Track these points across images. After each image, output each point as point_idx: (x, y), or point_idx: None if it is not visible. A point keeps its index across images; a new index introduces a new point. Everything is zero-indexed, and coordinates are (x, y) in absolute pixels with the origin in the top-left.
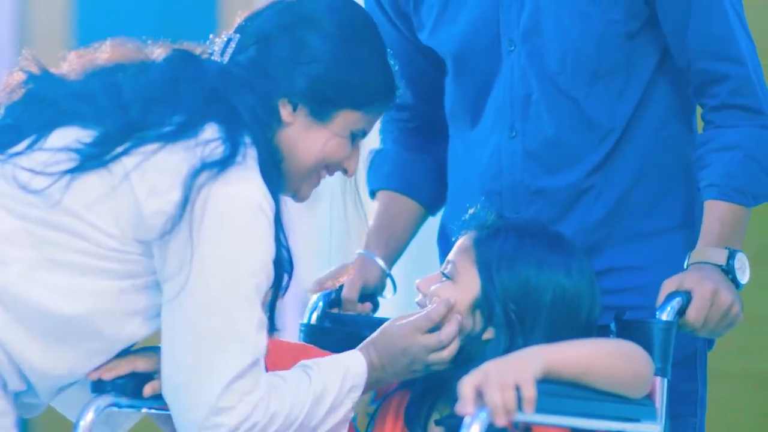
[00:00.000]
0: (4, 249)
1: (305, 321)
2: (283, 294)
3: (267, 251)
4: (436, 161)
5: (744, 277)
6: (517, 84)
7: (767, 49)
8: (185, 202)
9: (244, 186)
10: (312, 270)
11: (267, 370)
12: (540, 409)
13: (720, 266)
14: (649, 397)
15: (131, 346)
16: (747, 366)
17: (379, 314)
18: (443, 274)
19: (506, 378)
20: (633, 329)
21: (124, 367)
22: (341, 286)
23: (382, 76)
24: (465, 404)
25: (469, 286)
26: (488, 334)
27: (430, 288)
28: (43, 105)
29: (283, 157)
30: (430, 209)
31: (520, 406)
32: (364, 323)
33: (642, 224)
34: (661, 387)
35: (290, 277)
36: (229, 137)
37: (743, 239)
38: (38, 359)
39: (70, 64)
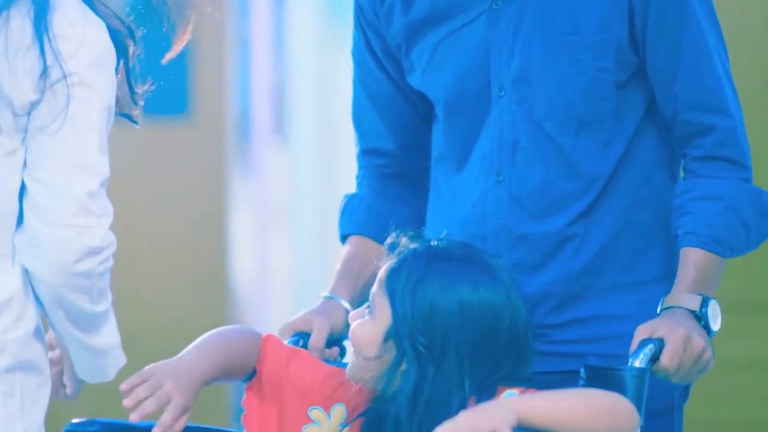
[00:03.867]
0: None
1: None
2: (131, 66)
3: (112, 67)
4: (411, 210)
5: (716, 325)
6: (506, 130)
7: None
8: (44, 61)
9: (77, 28)
10: (288, 292)
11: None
12: None
13: (693, 312)
14: None
15: None
16: (716, 414)
17: (347, 359)
18: (368, 307)
19: (481, 426)
20: (605, 376)
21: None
22: (309, 333)
23: None
24: None
25: (383, 318)
26: (405, 366)
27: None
28: None
29: None
30: None
31: None
32: None
33: (623, 275)
34: None
35: (135, 46)
36: None
37: (717, 288)
38: None
39: None
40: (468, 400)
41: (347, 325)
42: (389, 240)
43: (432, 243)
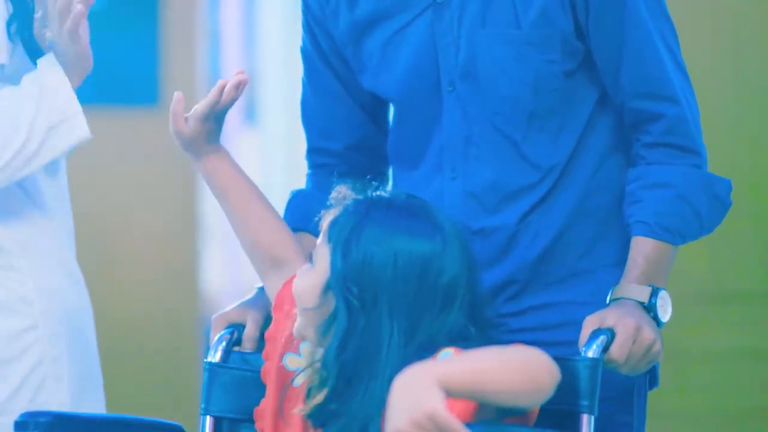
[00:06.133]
0: None
1: (208, 359)
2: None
3: None
4: None
5: (665, 316)
6: (457, 125)
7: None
8: None
9: None
10: (259, 281)
11: None
12: None
13: (642, 303)
14: None
15: None
16: (684, 404)
17: None
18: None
19: (420, 417)
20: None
21: None
22: (243, 325)
23: None
24: None
25: (323, 268)
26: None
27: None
28: None
29: None
30: None
31: None
32: None
33: (581, 262)
34: (588, 424)
35: None
36: None
37: (669, 277)
38: None
39: None
40: (398, 351)
41: None
42: (334, 194)
43: (374, 193)
